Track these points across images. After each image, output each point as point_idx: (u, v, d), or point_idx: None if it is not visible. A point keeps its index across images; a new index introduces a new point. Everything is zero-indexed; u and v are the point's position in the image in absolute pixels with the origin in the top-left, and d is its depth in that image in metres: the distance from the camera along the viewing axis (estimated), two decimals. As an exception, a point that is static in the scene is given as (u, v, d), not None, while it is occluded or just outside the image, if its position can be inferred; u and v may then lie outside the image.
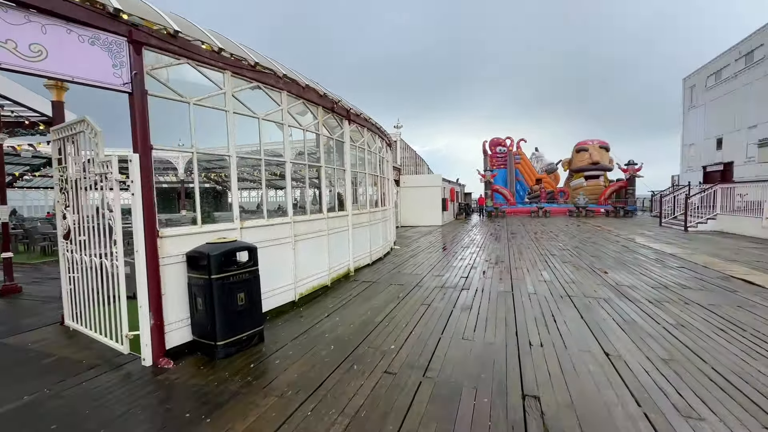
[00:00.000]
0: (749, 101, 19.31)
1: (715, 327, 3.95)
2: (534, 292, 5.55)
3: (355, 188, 8.31)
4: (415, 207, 18.67)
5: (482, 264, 7.94)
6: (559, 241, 11.28)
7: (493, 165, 28.33)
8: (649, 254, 8.77)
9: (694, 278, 6.24)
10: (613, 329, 3.95)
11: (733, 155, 20.40)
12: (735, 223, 12.64)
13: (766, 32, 18.21)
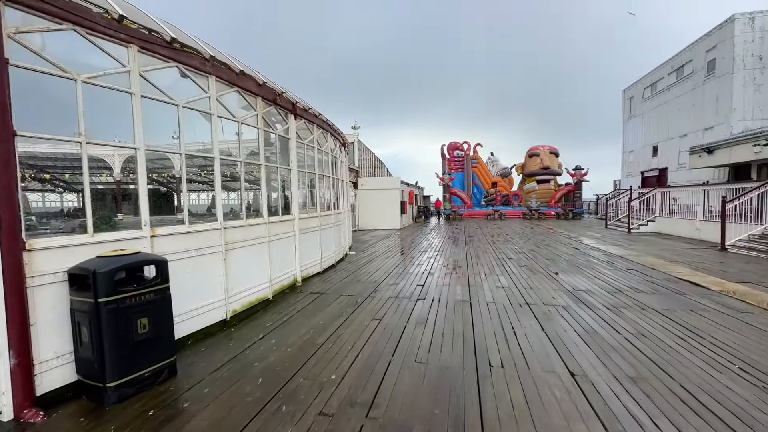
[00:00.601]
0: (681, 112, 20.96)
1: (675, 336, 3.79)
2: (492, 300, 5.23)
3: (309, 190, 7.66)
4: (374, 210, 18.23)
5: (440, 270, 7.59)
6: (515, 244, 11.29)
7: (451, 168, 28.63)
8: (600, 256, 8.91)
9: (645, 281, 6.28)
10: (575, 342, 3.67)
11: (667, 162, 22.05)
12: (672, 225, 13.43)
13: (694, 49, 19.86)
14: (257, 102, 5.31)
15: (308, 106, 6.76)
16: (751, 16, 16.73)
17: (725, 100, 17.46)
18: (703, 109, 19.08)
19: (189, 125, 4.74)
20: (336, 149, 9.35)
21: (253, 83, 5.11)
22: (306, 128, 7.26)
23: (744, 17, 16.80)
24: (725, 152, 15.04)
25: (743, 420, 2.35)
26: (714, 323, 4.14)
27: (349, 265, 8.30)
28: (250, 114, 5.24)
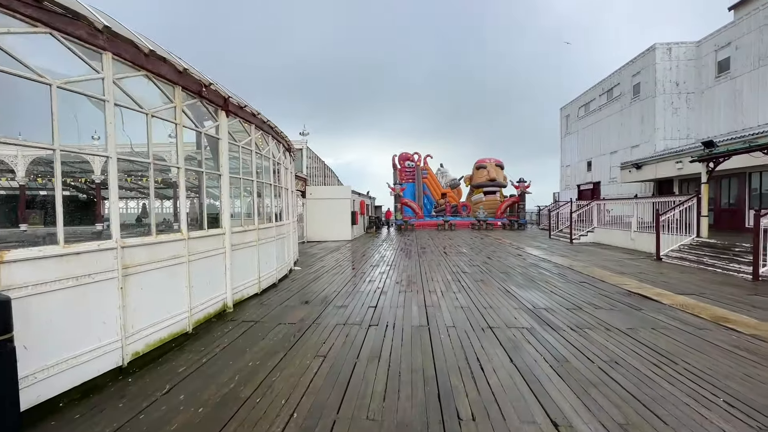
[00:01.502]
0: (611, 130, 22.73)
1: (648, 362, 3.49)
2: (452, 324, 4.70)
3: (247, 199, 6.71)
4: (323, 220, 17.32)
5: (393, 287, 6.98)
6: (468, 256, 11.08)
7: (402, 179, 28.54)
8: (551, 268, 8.90)
9: (600, 295, 6.17)
10: (549, 376, 3.21)
11: (600, 176, 23.74)
12: (609, 235, 14.16)
13: (622, 74, 21.71)
14: (176, 92, 4.37)
15: (244, 103, 5.88)
16: (669, 47, 18.61)
17: (649, 120, 19.17)
18: (630, 128, 20.82)
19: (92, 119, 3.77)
20: (280, 154, 8.46)
21: (169, 69, 4.18)
22: (242, 129, 6.35)
23: (663, 47, 18.64)
24: (651, 168, 16.34)
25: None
26: (680, 344, 3.95)
27: (293, 284, 7.41)
28: (166, 106, 4.28)
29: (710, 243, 9.51)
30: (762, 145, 8.71)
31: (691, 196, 10.33)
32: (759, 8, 14.86)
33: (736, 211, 13.48)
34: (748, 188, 13.11)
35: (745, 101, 15.46)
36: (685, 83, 18.44)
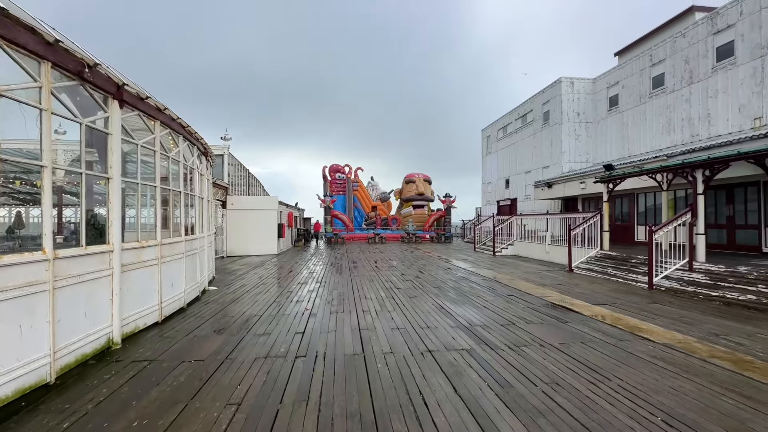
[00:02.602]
0: (525, 152, 24.95)
1: (585, 380, 3.45)
2: (390, 349, 4.29)
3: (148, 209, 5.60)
4: (247, 233, 15.92)
5: (323, 308, 6.38)
6: (399, 270, 10.89)
7: (332, 191, 27.92)
8: (480, 281, 9.07)
9: (528, 308, 6.31)
10: (496, 408, 2.95)
11: (517, 193, 25.83)
12: (527, 248, 15.21)
13: (534, 101, 24.07)
14: (43, 69, 3.38)
15: (145, 94, 4.91)
16: (572, 81, 21.13)
17: (557, 145, 21.41)
18: (541, 150, 23.05)
19: None
20: (194, 158, 7.40)
21: (32, 37, 3.21)
22: (144, 125, 5.33)
23: (567, 80, 21.11)
24: (560, 187, 18.13)
25: None
26: (608, 357, 4.04)
27: (206, 308, 6.38)
28: (25, 85, 3.27)
29: (612, 255, 10.61)
30: (649, 170, 10.02)
31: (595, 213, 11.50)
32: (638, 56, 17.61)
33: (628, 227, 15.48)
34: (636, 207, 15.16)
35: (630, 132, 18.07)
36: (585, 113, 21.05)
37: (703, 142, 13.27)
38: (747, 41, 12.77)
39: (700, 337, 4.75)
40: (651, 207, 14.46)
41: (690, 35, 14.94)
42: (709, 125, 14.02)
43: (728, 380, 3.46)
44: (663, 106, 16.15)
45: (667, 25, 17.24)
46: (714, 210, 11.70)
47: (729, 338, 4.69)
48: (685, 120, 15.10)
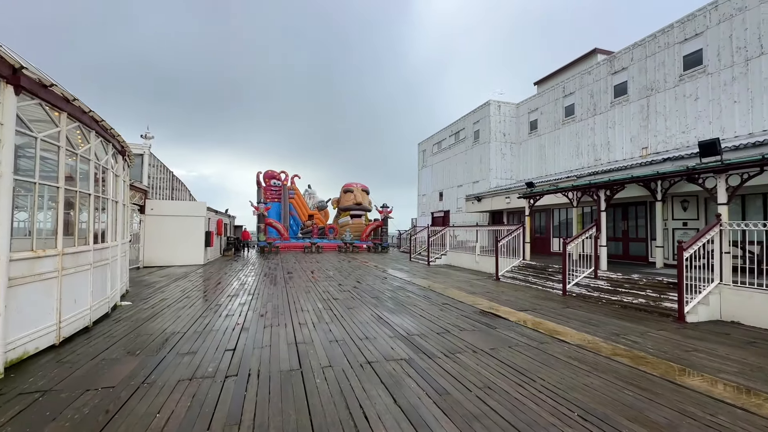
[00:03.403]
0: (458, 167, 26.49)
1: (514, 383, 3.70)
2: (329, 363, 4.18)
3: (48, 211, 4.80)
4: (169, 241, 14.51)
5: (257, 322, 6.03)
6: (337, 281, 10.76)
7: (267, 198, 26.81)
8: (416, 290, 9.32)
9: (462, 316, 6.62)
10: (435, 416, 3.02)
11: (450, 205, 27.22)
12: (458, 258, 16.03)
13: (466, 120, 25.76)
14: None
15: (50, 81, 4.27)
16: (499, 104, 23.06)
17: (486, 161, 23.09)
18: (472, 166, 24.66)
19: None
20: (108, 157, 6.58)
21: None
22: (47, 117, 4.63)
23: (495, 103, 22.99)
24: (488, 201, 19.51)
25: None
26: (532, 360, 4.38)
27: (117, 326, 5.64)
28: None
29: (532, 264, 11.64)
30: (562, 189, 11.26)
31: (518, 226, 12.55)
32: (554, 87, 19.85)
33: (546, 239, 17.14)
34: (552, 221, 16.87)
35: (547, 154, 20.17)
36: (510, 134, 23.06)
37: (604, 166, 15.30)
38: (636, 83, 15.12)
39: (605, 337, 5.39)
40: (564, 221, 16.21)
41: (594, 73, 17.26)
42: (609, 151, 16.23)
43: (628, 375, 3.96)
44: (573, 133, 18.34)
45: (576, 63, 19.72)
46: (613, 225, 13.48)
47: (627, 337, 5.39)
48: (590, 146, 17.30)
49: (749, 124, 11.38)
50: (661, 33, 14.18)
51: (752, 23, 11.40)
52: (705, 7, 12.71)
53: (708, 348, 4.94)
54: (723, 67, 12.12)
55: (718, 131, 12.10)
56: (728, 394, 3.49)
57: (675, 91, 13.58)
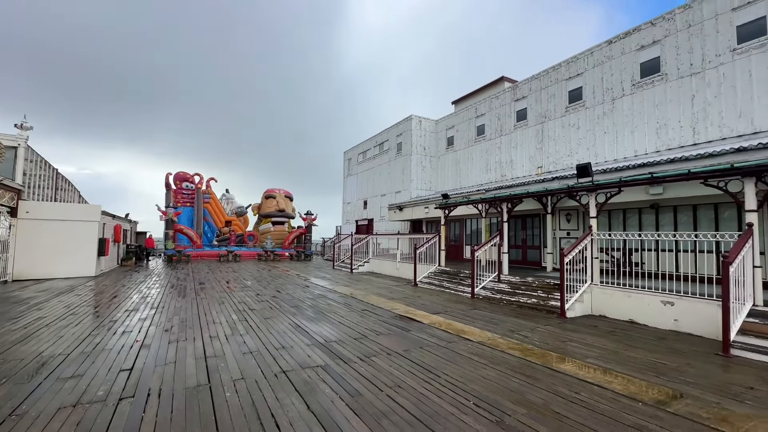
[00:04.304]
0: (381, 176, 27.31)
1: (421, 380, 4.02)
2: (241, 376, 4.06)
3: None
4: (50, 250, 12.43)
5: (160, 338, 5.54)
6: (255, 291, 10.33)
7: (177, 202, 24.55)
8: (337, 298, 9.40)
9: (379, 321, 6.89)
10: (346, 417, 3.16)
11: (374, 214, 27.84)
12: (380, 265, 16.50)
13: (390, 132, 26.77)
14: None
15: None
16: (420, 119, 24.46)
17: (407, 173, 24.22)
18: (395, 177, 25.64)
19: None
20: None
21: None
22: None
23: (416, 118, 24.33)
24: (409, 210, 20.46)
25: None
26: (439, 358, 4.78)
27: (-26, 352, 4.72)
28: None
29: (447, 270, 12.53)
30: (473, 201, 12.38)
31: (435, 234, 13.42)
32: (468, 107, 21.76)
33: (459, 246, 18.54)
34: (465, 230, 18.34)
35: (461, 168, 21.93)
36: (429, 148, 24.57)
37: (508, 182, 17.18)
38: (534, 110, 17.36)
39: (503, 333, 6.10)
40: (475, 230, 17.74)
41: (501, 98, 19.37)
42: (512, 169, 18.28)
43: (517, 365, 4.56)
44: (484, 150, 20.26)
45: (487, 87, 21.91)
46: (514, 234, 15.16)
47: (520, 333, 6.16)
48: (497, 163, 19.28)
49: (615, 152, 13.85)
50: (553, 70, 16.56)
51: (616, 70, 13.96)
52: (584, 52, 15.21)
53: (580, 338, 5.90)
54: (597, 104, 14.59)
55: (593, 156, 14.47)
56: (590, 375, 4.25)
57: (562, 120, 15.92)
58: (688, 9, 12.01)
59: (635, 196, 9.38)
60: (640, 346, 5.46)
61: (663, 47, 12.59)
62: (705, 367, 4.61)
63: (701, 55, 11.63)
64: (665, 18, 12.59)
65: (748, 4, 10.67)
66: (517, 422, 3.12)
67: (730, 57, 10.99)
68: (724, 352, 5.15)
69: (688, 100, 11.85)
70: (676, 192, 8.62)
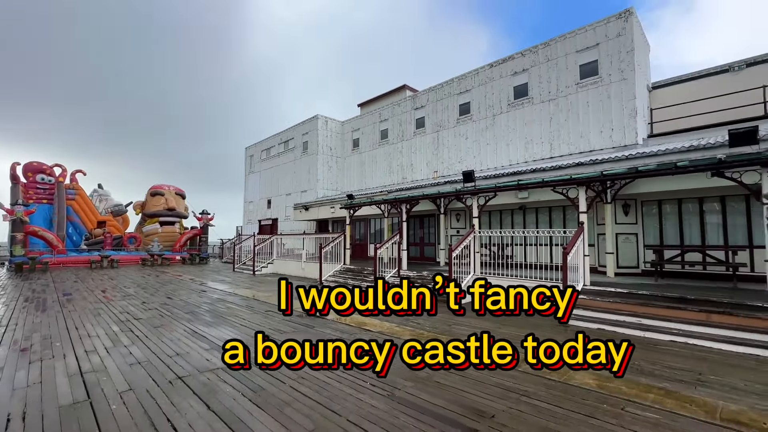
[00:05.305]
0: (287, 175, 26.61)
1: (325, 369, 4.30)
2: (128, 387, 3.79)
3: None
4: None
5: (12, 359, 4.73)
6: (140, 299, 9.29)
7: (30, 198, 20.29)
8: (238, 301, 9.07)
9: (284, 320, 6.94)
10: (250, 411, 3.27)
11: (278, 213, 26.96)
12: (285, 266, 16.21)
13: (295, 130, 26.25)
14: None
15: None
16: (326, 120, 24.56)
17: (313, 172, 24.11)
18: (300, 176, 25.27)
19: None
20: None
21: None
22: None
23: (323, 118, 24.37)
24: (315, 210, 20.45)
25: (386, 428, 2.91)
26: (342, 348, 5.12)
27: None
28: None
29: (351, 268, 12.99)
30: (375, 201, 13.10)
31: (340, 234, 13.78)
32: (372, 112, 22.69)
33: (364, 245, 19.24)
34: (369, 229, 19.11)
35: (366, 170, 22.76)
36: (336, 149, 24.86)
37: (408, 184, 18.49)
38: (431, 119, 19.01)
39: (399, 323, 6.73)
40: (379, 230, 18.65)
41: (402, 106, 20.70)
42: (412, 172, 19.72)
43: (409, 348, 5.17)
44: (387, 153, 21.38)
45: (391, 94, 23.15)
46: (414, 232, 16.43)
47: (415, 321, 6.88)
48: (399, 166, 20.56)
49: (495, 161, 16.07)
50: (447, 84, 18.39)
51: (497, 90, 16.23)
52: (472, 72, 17.27)
53: (465, 322, 6.87)
54: (482, 118, 16.72)
55: (478, 164, 16.55)
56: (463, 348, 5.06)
57: (454, 130, 17.81)
58: (548, 46, 14.63)
59: (508, 199, 11.13)
60: (511, 324, 6.63)
61: (530, 75, 15.10)
62: (550, 331, 5.87)
63: (557, 85, 14.30)
64: (532, 51, 15.12)
65: (586, 49, 13.52)
66: (406, 393, 3.63)
67: (575, 89, 13.78)
68: (563, 321, 6.60)
69: (547, 121, 14.46)
70: (537, 197, 10.52)
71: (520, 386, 3.83)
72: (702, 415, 3.20)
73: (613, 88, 12.82)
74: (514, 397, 3.57)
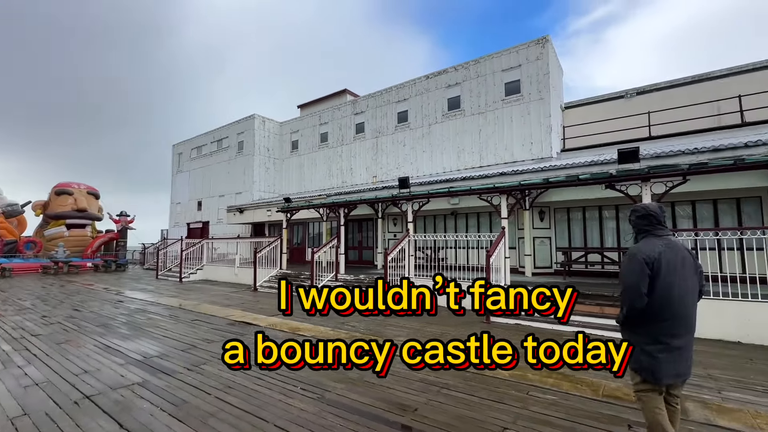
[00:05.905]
0: (220, 176, 25.16)
1: (255, 378, 4.24)
2: (23, 412, 3.39)
3: None
4: None
5: None
6: (39, 312, 8.21)
7: None
8: (161, 311, 8.44)
9: (212, 329, 6.63)
10: (170, 425, 3.13)
11: (210, 216, 25.35)
12: (216, 272, 15.34)
13: (230, 129, 24.97)
14: None
15: None
16: (263, 120, 23.74)
17: (249, 173, 23.11)
18: (235, 177, 24.07)
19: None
20: None
21: None
22: None
23: (260, 118, 23.52)
24: (251, 213, 19.63)
25: (313, 430, 3.00)
26: (272, 355, 5.06)
27: None
28: None
29: (288, 273, 12.73)
30: (314, 205, 13.01)
31: (276, 237, 13.44)
32: (312, 114, 22.46)
33: (302, 249, 18.91)
34: (308, 233, 18.84)
35: (305, 172, 22.42)
36: (273, 150, 24.13)
37: (348, 188, 18.60)
38: (371, 125, 19.36)
39: (334, 327, 6.80)
40: (318, 233, 18.47)
41: (342, 110, 20.79)
42: (352, 176, 19.87)
43: (342, 350, 5.27)
44: (327, 157, 21.29)
45: (331, 97, 23.11)
46: (352, 236, 16.56)
47: (349, 324, 6.99)
48: (339, 170, 20.59)
49: (431, 168, 16.86)
50: (386, 92, 18.88)
51: (432, 101, 17.07)
52: (409, 81, 17.96)
53: (399, 323, 7.14)
54: (418, 126, 17.45)
55: (415, 170, 17.23)
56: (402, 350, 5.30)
57: (393, 137, 18.34)
58: (478, 63, 15.78)
59: (441, 205, 11.77)
60: (437, 323, 7.04)
61: (462, 89, 16.14)
62: (478, 327, 6.34)
63: (485, 99, 15.46)
64: (464, 66, 16.18)
65: (510, 69, 14.83)
66: (335, 395, 3.73)
67: (501, 105, 15.03)
68: (486, 320, 7.18)
69: (477, 133, 15.56)
70: (467, 203, 11.27)
71: (441, 379, 4.15)
72: (589, 393, 3.76)
73: (532, 106, 14.23)
74: (434, 390, 3.85)
